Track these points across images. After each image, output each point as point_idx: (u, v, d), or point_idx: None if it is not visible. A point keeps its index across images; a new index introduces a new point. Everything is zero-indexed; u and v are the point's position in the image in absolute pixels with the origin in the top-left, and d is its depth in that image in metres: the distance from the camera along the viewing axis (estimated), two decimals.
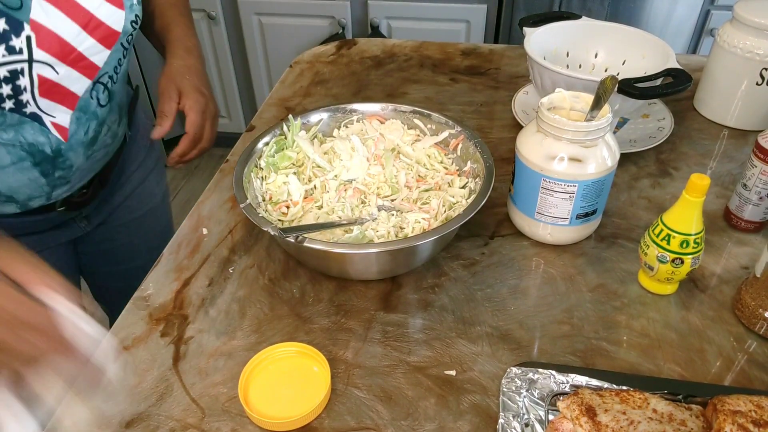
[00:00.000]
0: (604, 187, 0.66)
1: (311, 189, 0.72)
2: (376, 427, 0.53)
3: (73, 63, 0.65)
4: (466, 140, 0.74)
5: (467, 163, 0.74)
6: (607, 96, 0.63)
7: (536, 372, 0.54)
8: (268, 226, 0.61)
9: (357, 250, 0.60)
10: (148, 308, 0.65)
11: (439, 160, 0.77)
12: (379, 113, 0.80)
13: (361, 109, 0.80)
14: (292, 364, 0.58)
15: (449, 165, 0.76)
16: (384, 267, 0.64)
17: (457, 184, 0.73)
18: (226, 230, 0.75)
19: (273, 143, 0.75)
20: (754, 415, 0.47)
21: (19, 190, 0.71)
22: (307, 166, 0.74)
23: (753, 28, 0.84)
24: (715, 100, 0.93)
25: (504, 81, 1.06)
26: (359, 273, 0.66)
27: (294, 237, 0.59)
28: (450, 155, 0.77)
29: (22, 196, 0.72)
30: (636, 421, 0.48)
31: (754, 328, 0.60)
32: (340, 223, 0.66)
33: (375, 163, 0.74)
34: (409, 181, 0.73)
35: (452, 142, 0.76)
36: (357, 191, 0.71)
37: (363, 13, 1.95)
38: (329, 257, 0.62)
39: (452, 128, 0.76)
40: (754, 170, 0.68)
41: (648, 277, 0.65)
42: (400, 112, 0.79)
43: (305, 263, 0.69)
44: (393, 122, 0.79)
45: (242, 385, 0.55)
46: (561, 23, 0.90)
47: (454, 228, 0.61)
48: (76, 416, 0.54)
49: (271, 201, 0.71)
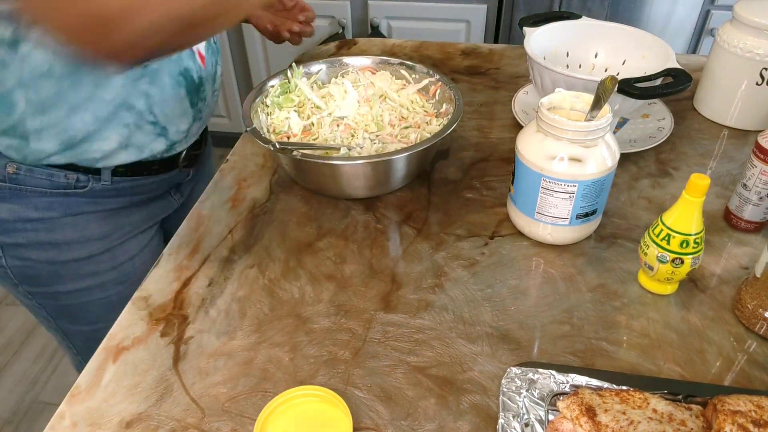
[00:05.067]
0: (604, 187, 0.66)
1: (309, 125, 0.83)
2: (376, 427, 0.53)
3: None
4: (443, 86, 0.86)
5: (443, 105, 0.85)
6: (607, 96, 0.63)
7: (536, 372, 0.54)
8: (269, 144, 0.71)
9: (343, 162, 0.73)
10: (148, 308, 0.65)
11: (420, 105, 0.88)
12: (371, 65, 0.92)
13: (355, 63, 0.92)
14: (311, 408, 0.53)
15: (429, 109, 0.87)
16: (369, 181, 0.76)
17: (434, 123, 0.84)
18: (226, 230, 0.75)
19: (278, 86, 0.87)
20: (754, 415, 0.47)
21: (173, 119, 0.79)
22: (306, 106, 0.86)
23: (753, 28, 0.84)
24: (715, 100, 0.93)
25: (504, 81, 1.06)
26: (348, 185, 0.76)
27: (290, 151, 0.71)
28: (430, 101, 0.88)
29: (173, 127, 0.79)
30: (636, 421, 0.48)
31: (754, 328, 0.60)
32: (332, 146, 0.77)
33: (364, 105, 0.86)
34: (392, 120, 0.84)
35: (431, 88, 0.88)
36: (348, 127, 0.82)
37: (363, 12, 1.95)
38: (321, 171, 0.75)
39: (432, 77, 0.88)
40: (754, 170, 0.68)
41: (648, 277, 0.65)
42: (389, 64, 0.92)
43: (300, 181, 0.81)
44: (383, 73, 0.91)
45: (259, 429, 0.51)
46: (561, 23, 0.90)
47: (426, 146, 0.73)
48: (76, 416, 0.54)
49: (274, 132, 0.82)
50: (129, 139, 0.76)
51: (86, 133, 0.73)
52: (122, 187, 0.82)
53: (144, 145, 0.78)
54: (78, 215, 0.80)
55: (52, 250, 0.81)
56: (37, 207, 0.77)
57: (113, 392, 0.56)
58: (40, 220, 0.78)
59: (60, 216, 0.79)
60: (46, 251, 0.81)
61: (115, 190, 0.81)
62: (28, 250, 0.80)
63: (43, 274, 0.83)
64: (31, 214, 0.77)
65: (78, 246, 0.82)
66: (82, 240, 0.81)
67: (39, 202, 0.77)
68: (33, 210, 0.77)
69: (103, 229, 0.83)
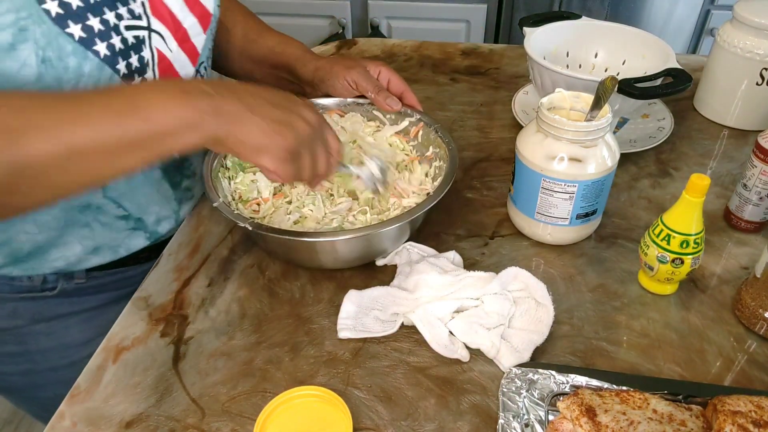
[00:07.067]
0: (604, 187, 0.66)
1: (279, 186, 0.73)
2: (376, 428, 0.53)
3: (181, 42, 0.63)
4: (425, 127, 0.76)
5: (429, 148, 0.76)
6: (607, 96, 0.63)
7: (536, 372, 0.54)
8: (245, 222, 0.61)
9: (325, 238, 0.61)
10: (148, 308, 0.64)
11: (401, 148, 0.79)
12: (339, 107, 0.80)
13: (321, 103, 0.80)
14: (311, 409, 0.53)
15: (410, 152, 0.78)
16: (354, 254, 0.66)
17: (419, 170, 0.75)
18: (225, 230, 0.75)
19: None
20: (754, 415, 0.47)
21: (148, 208, 0.68)
22: None
23: (753, 28, 0.84)
24: (715, 100, 0.93)
25: (504, 81, 1.06)
26: (333, 261, 0.67)
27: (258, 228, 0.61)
28: (411, 142, 0.78)
29: (151, 217, 0.69)
30: (636, 422, 0.48)
31: (754, 328, 0.60)
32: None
33: None
34: None
35: (412, 130, 0.78)
36: (322, 187, 0.71)
37: (363, 12, 1.95)
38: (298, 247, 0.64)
39: (411, 117, 0.78)
40: (754, 170, 0.68)
41: (648, 277, 0.65)
42: (358, 104, 0.80)
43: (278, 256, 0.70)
44: (353, 115, 0.80)
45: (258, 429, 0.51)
46: (561, 23, 0.90)
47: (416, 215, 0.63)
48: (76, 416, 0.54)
49: (241, 200, 0.71)
50: (95, 240, 0.66)
51: (34, 245, 0.62)
52: (102, 284, 0.71)
53: (118, 244, 0.68)
54: (51, 320, 0.70)
55: (25, 363, 0.71)
56: (0, 316, 0.67)
57: (113, 392, 0.56)
58: (5, 330, 0.68)
59: (27, 324, 0.69)
60: (18, 364, 0.71)
61: (92, 288, 0.71)
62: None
63: (19, 385, 0.74)
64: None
65: (55, 354, 0.71)
66: (60, 348, 0.71)
67: (1, 310, 0.67)
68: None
69: (85, 334, 0.70)
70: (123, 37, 0.56)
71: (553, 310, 0.60)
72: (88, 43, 0.53)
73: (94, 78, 0.55)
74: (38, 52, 0.50)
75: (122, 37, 0.56)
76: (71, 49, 0.52)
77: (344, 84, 0.76)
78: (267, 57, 0.82)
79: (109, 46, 0.55)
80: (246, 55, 0.83)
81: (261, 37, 0.82)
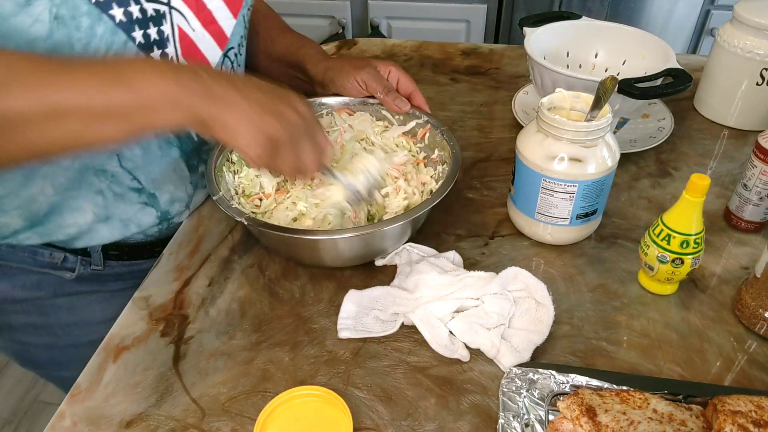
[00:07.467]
0: (604, 187, 0.66)
1: (282, 182, 0.73)
2: (376, 427, 0.53)
3: (205, 23, 0.63)
4: (432, 129, 0.76)
5: (434, 151, 0.76)
6: (607, 96, 0.63)
7: (536, 372, 0.54)
8: (242, 217, 0.61)
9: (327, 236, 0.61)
10: (148, 308, 0.64)
11: (407, 149, 0.79)
12: (348, 106, 0.81)
13: (330, 103, 0.80)
14: (311, 409, 0.53)
15: (417, 153, 0.78)
16: (354, 253, 0.66)
17: (424, 172, 0.75)
18: (226, 230, 0.75)
19: None
20: (754, 415, 0.47)
21: (163, 185, 0.68)
22: None
23: (753, 28, 0.84)
24: (715, 100, 0.93)
25: (504, 81, 1.06)
26: (332, 259, 0.67)
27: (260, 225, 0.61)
28: (418, 144, 0.79)
29: (165, 195, 0.69)
30: (636, 422, 0.48)
31: (754, 328, 0.60)
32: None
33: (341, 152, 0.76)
34: None
35: (419, 131, 0.78)
36: (321, 183, 0.70)
37: (363, 12, 1.95)
38: (295, 244, 0.64)
39: (419, 118, 0.78)
40: (754, 170, 0.68)
41: (648, 277, 0.65)
42: (368, 104, 0.80)
43: (278, 252, 0.70)
44: (361, 114, 0.80)
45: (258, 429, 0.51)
46: (561, 23, 0.90)
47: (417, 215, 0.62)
48: (76, 416, 0.54)
49: (244, 194, 0.72)
50: (107, 209, 0.66)
51: (50, 205, 0.63)
52: (118, 273, 0.73)
53: (128, 217, 0.68)
54: (72, 296, 0.72)
55: (47, 336, 0.72)
56: (24, 286, 0.69)
57: (113, 392, 0.56)
58: (28, 300, 0.70)
59: (49, 297, 0.70)
60: (40, 336, 0.72)
61: (109, 276, 0.73)
62: (22, 334, 0.72)
63: (42, 359, 0.75)
64: (18, 294, 0.69)
65: (77, 330, 0.73)
66: (81, 324, 0.73)
67: (26, 280, 0.69)
68: (20, 289, 0.69)
69: (105, 313, 0.69)
70: (142, 7, 0.57)
71: (553, 310, 0.60)
72: (104, 6, 0.54)
73: (107, 41, 0.56)
74: (52, 9, 0.51)
75: (141, 7, 0.57)
76: (86, 10, 0.53)
77: (354, 84, 0.76)
78: (284, 56, 0.83)
79: (126, 13, 0.56)
80: (266, 53, 0.84)
81: (280, 35, 0.84)
